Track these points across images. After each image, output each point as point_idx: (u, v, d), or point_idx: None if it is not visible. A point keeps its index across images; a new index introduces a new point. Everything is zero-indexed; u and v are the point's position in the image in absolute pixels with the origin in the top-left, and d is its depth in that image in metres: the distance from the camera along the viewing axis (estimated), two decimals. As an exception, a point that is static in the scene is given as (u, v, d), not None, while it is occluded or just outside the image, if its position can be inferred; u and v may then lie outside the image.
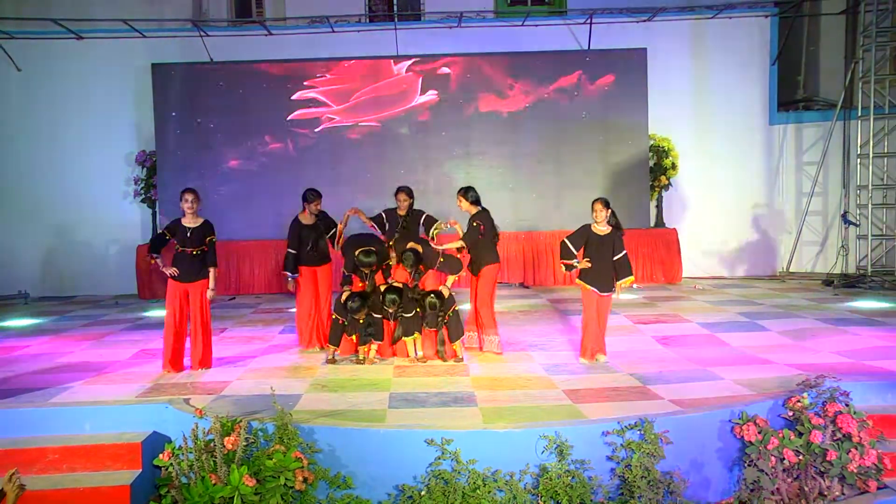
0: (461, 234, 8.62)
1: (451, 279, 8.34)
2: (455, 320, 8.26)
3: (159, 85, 14.05)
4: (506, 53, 14.19)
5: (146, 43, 14.36)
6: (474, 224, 8.47)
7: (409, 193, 8.91)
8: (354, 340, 8.41)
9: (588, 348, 8.06)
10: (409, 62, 14.10)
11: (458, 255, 8.63)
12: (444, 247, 8.52)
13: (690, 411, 6.21)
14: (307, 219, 8.93)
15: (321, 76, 14.13)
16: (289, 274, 8.90)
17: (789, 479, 6.02)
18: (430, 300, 8.10)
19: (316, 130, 14.16)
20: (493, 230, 8.54)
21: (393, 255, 8.60)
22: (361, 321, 8.23)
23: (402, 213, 8.86)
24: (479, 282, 8.55)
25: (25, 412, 6.61)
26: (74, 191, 14.51)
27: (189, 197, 8.08)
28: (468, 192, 8.60)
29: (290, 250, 8.88)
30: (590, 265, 7.90)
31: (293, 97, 14.12)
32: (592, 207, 7.97)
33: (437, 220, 8.82)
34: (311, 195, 8.93)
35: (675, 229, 14.24)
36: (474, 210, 8.57)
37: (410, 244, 8.47)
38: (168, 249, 8.22)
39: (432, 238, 8.68)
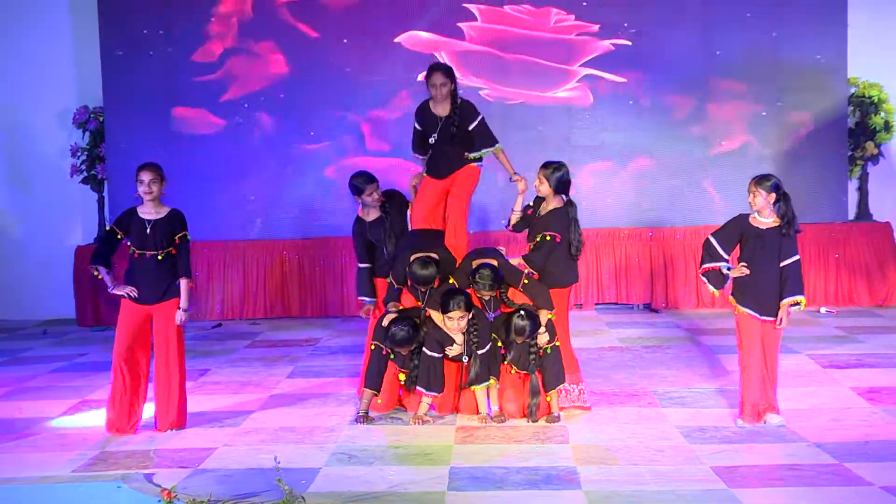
0: (517, 212, 8.65)
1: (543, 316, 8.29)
2: (554, 360, 8.25)
3: (107, 6, 14.28)
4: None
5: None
6: (548, 237, 8.38)
7: (450, 73, 8.77)
8: (402, 382, 8.49)
9: (750, 404, 7.99)
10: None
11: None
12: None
13: (915, 505, 6.14)
14: (370, 214, 9.00)
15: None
16: (365, 299, 9.08)
17: None
18: (518, 322, 8.08)
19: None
20: (576, 238, 8.50)
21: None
22: (407, 355, 8.31)
23: (439, 110, 8.83)
24: None
25: None
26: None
27: (146, 176, 8.04)
28: (556, 172, 8.46)
29: (360, 266, 9.09)
30: (747, 272, 7.86)
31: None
32: (748, 189, 7.93)
33: (492, 142, 8.86)
34: (360, 182, 8.88)
35: (887, 224, 14.08)
36: (554, 202, 8.50)
37: (479, 260, 8.40)
38: (119, 255, 8.24)
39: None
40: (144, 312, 8.14)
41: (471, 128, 8.83)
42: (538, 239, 8.46)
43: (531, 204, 8.69)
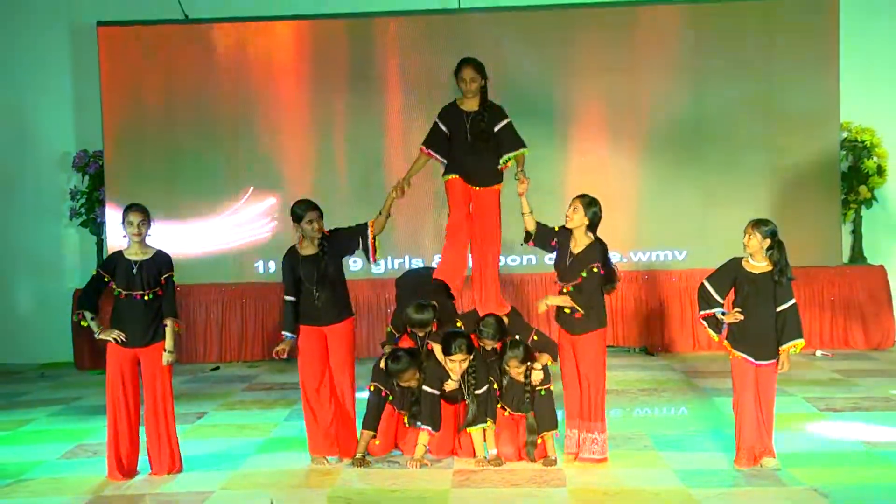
0: (529, 214, 8.40)
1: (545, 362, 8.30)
2: (547, 402, 8.26)
3: (109, 53, 14.39)
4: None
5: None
6: (594, 269, 8.06)
7: (481, 69, 8.56)
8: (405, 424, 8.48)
9: (746, 448, 7.97)
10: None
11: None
12: (548, 302, 8.17)
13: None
14: (306, 247, 8.57)
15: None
16: (287, 334, 8.54)
17: None
18: (511, 353, 8.06)
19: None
20: (610, 276, 8.22)
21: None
22: (407, 387, 8.29)
23: (466, 107, 8.65)
24: (579, 352, 8.23)
25: None
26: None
27: (136, 217, 8.02)
28: (594, 206, 8.13)
29: (286, 298, 8.56)
30: (741, 318, 7.87)
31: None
32: (745, 230, 7.93)
33: (521, 144, 8.69)
34: (300, 209, 8.45)
35: (882, 267, 14.11)
36: (585, 239, 8.17)
37: (488, 312, 8.47)
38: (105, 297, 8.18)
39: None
40: (132, 355, 8.12)
41: (497, 128, 8.68)
42: (584, 274, 8.07)
43: (555, 228, 8.37)
